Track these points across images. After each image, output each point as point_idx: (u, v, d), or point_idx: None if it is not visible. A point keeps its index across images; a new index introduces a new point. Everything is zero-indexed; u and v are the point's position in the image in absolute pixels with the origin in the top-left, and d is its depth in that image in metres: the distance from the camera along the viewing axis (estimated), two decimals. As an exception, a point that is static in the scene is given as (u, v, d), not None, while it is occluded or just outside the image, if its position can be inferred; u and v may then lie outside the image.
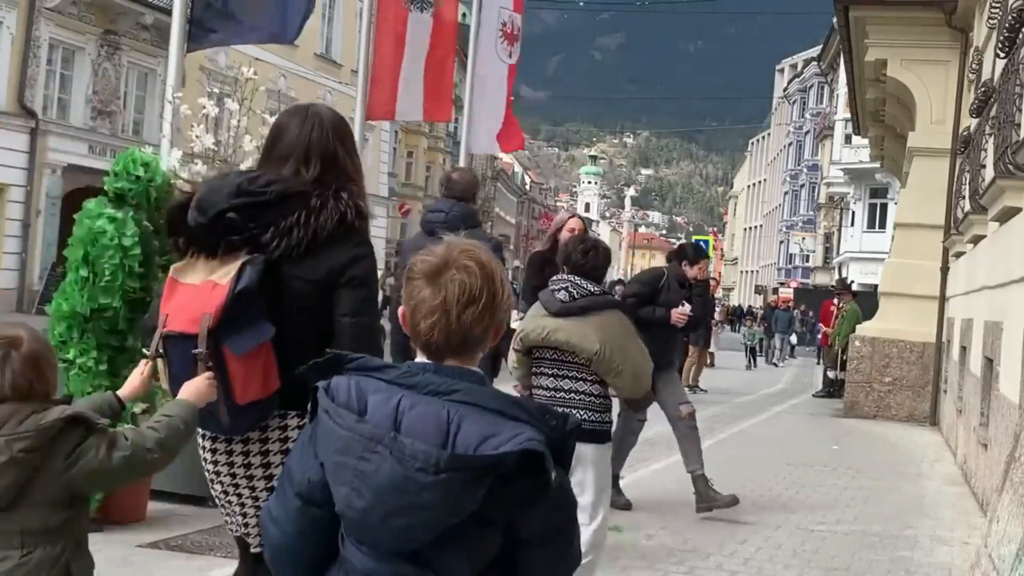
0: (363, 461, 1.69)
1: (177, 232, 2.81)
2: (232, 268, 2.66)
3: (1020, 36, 7.10)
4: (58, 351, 5.62)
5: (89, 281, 5.47)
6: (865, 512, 7.58)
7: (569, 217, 6.81)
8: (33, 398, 2.40)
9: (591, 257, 4.79)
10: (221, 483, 2.90)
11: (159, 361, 2.75)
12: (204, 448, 2.91)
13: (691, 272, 7.47)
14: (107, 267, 5.45)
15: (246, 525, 2.91)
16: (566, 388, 4.65)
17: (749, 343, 28.26)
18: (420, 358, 1.85)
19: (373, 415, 1.75)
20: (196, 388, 2.64)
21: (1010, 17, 7.33)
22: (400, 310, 1.88)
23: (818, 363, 23.50)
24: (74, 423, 2.39)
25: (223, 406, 2.69)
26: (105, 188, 5.70)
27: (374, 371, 1.82)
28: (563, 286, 4.67)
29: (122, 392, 2.72)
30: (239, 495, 2.89)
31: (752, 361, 27.65)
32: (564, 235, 6.41)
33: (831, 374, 18.08)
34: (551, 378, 4.68)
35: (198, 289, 2.67)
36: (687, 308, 7.17)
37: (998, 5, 9.01)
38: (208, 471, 2.91)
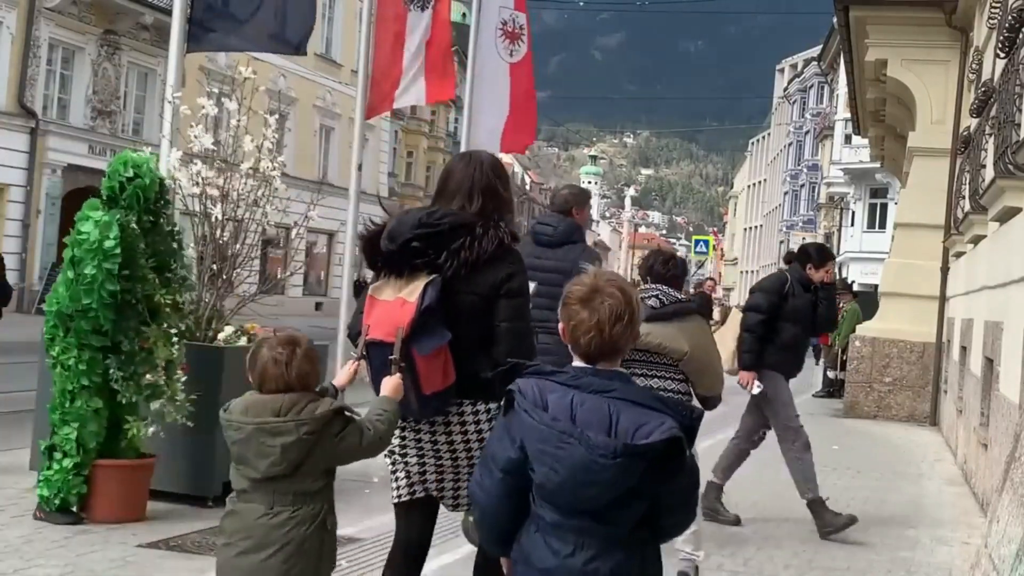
0: (559, 449, 2.29)
1: (373, 258, 3.48)
2: (416, 286, 3.32)
3: (1020, 36, 7.10)
4: (47, 348, 5.66)
5: (73, 282, 5.53)
6: (865, 512, 7.57)
7: None
8: (308, 388, 3.07)
9: (671, 267, 5.45)
10: (408, 458, 3.48)
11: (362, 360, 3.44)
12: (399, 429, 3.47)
13: (817, 275, 6.98)
14: (88, 270, 5.48)
15: (440, 487, 3.51)
16: (655, 387, 5.07)
17: None
18: (577, 363, 2.43)
19: (555, 410, 2.34)
20: (393, 385, 3.27)
21: (1010, 17, 7.33)
22: (560, 326, 2.45)
23: (817, 363, 23.50)
24: (339, 413, 3.07)
25: (413, 396, 3.31)
26: (100, 189, 5.77)
27: (549, 375, 2.41)
28: (653, 294, 5.16)
29: (336, 381, 3.37)
30: (423, 465, 3.47)
31: None
32: None
33: (831, 374, 18.06)
34: (641, 378, 5.07)
35: (391, 305, 3.34)
36: (758, 390, 6.91)
37: (998, 5, 9.01)
38: (396, 447, 3.48)
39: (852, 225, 46.51)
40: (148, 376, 5.67)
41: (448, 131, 56.35)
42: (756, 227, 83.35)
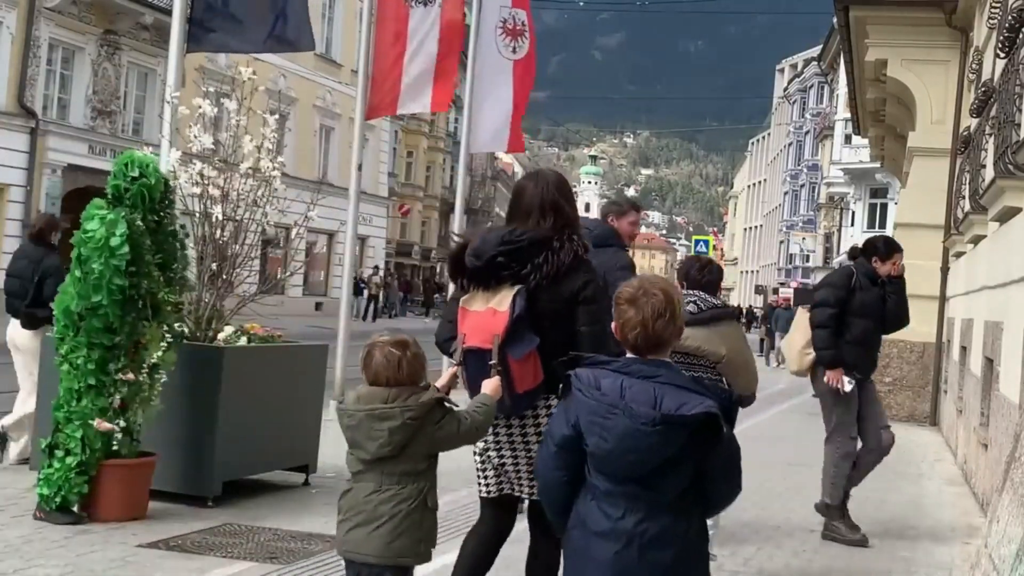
0: (607, 419, 2.68)
1: (458, 273, 3.87)
2: (503, 297, 3.72)
3: (1020, 36, 7.10)
4: (56, 347, 5.66)
5: (81, 280, 5.54)
6: (865, 512, 7.58)
7: None
8: (415, 383, 3.45)
9: (707, 272, 5.62)
10: (502, 451, 3.88)
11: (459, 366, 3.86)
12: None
13: (884, 268, 6.77)
14: (95, 267, 5.50)
15: (519, 478, 3.88)
16: None
17: None
18: (629, 355, 2.83)
19: (607, 392, 2.72)
20: (494, 386, 3.66)
21: (1010, 17, 7.33)
22: (613, 325, 2.85)
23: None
24: (440, 403, 3.45)
25: (507, 395, 3.70)
26: (106, 188, 5.79)
27: (603, 364, 2.82)
28: (691, 299, 5.32)
29: (438, 384, 3.66)
30: (516, 457, 3.87)
31: None
32: None
33: (831, 374, 18.02)
34: None
35: (483, 315, 3.74)
36: (849, 386, 6.64)
37: (998, 5, 9.01)
38: (490, 443, 3.88)
39: (852, 225, 46.52)
40: (129, 374, 5.66)
41: (448, 131, 56.33)
42: (756, 227, 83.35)
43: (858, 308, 6.74)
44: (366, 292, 36.91)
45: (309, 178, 28.42)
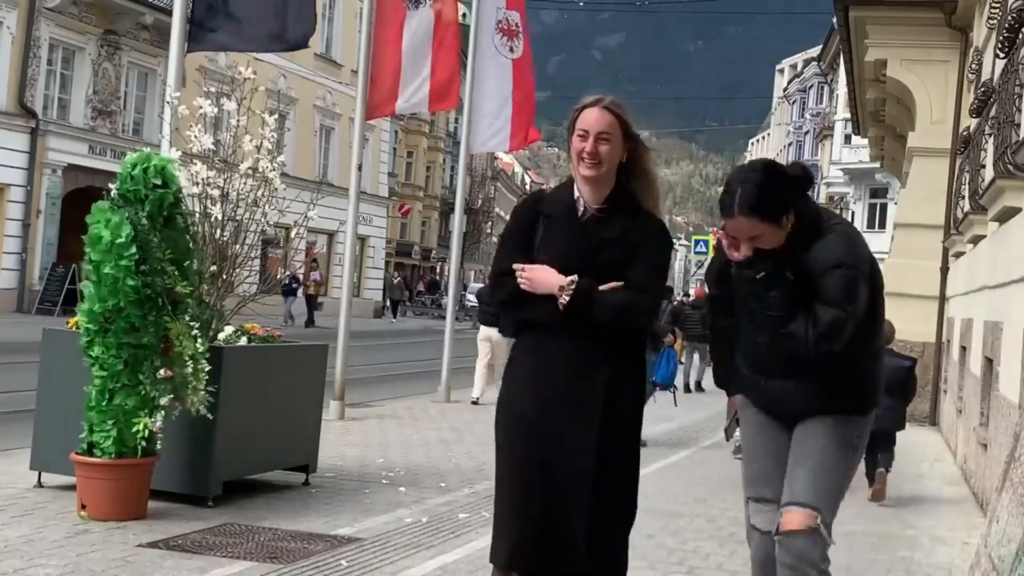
0: (895, 374, 7.56)
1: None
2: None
3: (1020, 36, 7.10)
4: (85, 349, 5.67)
5: (99, 284, 5.57)
6: (865, 512, 7.58)
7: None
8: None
9: None
10: None
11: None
12: None
13: None
14: (107, 271, 5.51)
15: None
16: None
17: None
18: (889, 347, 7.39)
19: (887, 363, 5.07)
20: None
21: (1010, 17, 7.34)
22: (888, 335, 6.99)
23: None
24: None
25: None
26: (111, 190, 5.83)
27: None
28: None
29: None
30: None
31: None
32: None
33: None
34: None
35: None
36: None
37: (998, 5, 9.02)
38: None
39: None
40: (164, 371, 5.65)
41: (448, 131, 56.37)
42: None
43: None
44: (301, 291, 30.51)
45: (309, 178, 28.43)
